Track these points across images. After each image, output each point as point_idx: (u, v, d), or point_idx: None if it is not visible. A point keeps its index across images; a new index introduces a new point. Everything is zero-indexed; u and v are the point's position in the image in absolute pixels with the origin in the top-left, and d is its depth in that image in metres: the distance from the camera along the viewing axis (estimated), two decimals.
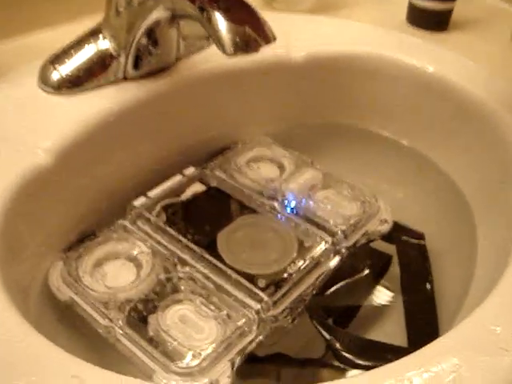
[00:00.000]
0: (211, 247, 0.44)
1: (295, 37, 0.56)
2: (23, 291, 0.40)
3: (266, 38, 0.39)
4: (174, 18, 0.45)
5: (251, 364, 0.39)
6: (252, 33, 0.38)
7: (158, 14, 0.44)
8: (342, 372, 0.39)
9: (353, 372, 0.40)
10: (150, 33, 0.46)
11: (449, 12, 0.64)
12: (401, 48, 0.56)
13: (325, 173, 0.52)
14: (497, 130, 0.49)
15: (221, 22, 0.38)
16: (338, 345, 0.40)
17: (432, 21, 0.63)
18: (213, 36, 0.38)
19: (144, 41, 0.47)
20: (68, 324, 0.42)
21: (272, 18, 0.40)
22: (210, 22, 0.38)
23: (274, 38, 0.39)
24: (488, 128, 0.50)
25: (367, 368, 0.39)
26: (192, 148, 0.53)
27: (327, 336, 0.40)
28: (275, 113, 0.57)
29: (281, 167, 0.53)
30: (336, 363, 0.40)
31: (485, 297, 0.35)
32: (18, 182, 0.40)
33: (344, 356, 0.39)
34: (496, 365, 0.30)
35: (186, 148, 0.53)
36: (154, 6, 0.43)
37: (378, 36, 0.58)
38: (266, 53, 0.41)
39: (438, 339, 0.32)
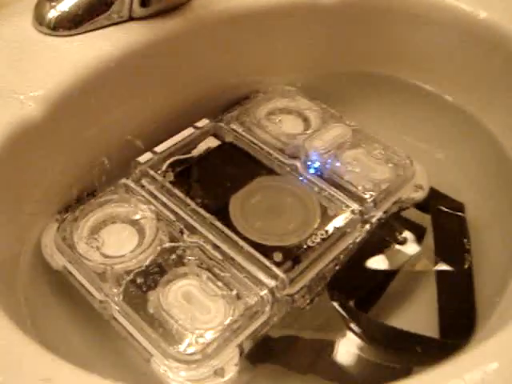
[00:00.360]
0: (223, 213, 0.39)
1: None
2: (12, 258, 0.36)
3: None
4: None
5: (261, 347, 0.35)
6: None
7: None
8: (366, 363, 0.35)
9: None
10: None
11: None
12: None
13: (355, 129, 0.47)
14: None
15: None
16: (360, 331, 0.35)
17: None
18: None
19: None
20: (62, 295, 0.38)
21: None
22: None
23: None
24: None
25: (392, 361, 0.35)
26: (206, 97, 0.48)
27: (349, 321, 0.36)
28: (301, 60, 0.52)
29: (305, 121, 0.48)
30: (356, 351, 0.35)
31: None
32: (5, 135, 0.35)
33: (366, 345, 0.35)
34: None
35: (200, 97, 0.48)
36: None
37: None
38: None
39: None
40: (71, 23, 0.42)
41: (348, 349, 0.36)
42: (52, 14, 0.42)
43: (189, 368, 0.32)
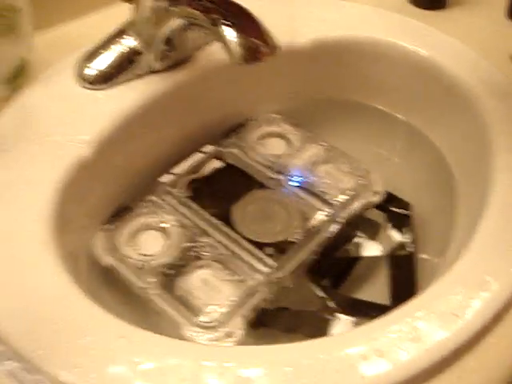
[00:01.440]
0: (227, 219, 0.53)
1: (300, 22, 0.62)
2: (74, 258, 0.49)
3: (271, 48, 0.45)
4: (191, 24, 0.51)
5: (260, 316, 0.48)
6: (258, 44, 0.45)
7: (178, 21, 0.51)
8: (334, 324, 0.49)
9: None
10: (172, 32, 0.53)
11: None
12: (399, 32, 0.62)
13: (327, 147, 0.59)
14: (478, 113, 0.55)
15: (230, 35, 0.45)
16: (330, 303, 0.49)
17: (430, 0, 0.69)
18: (224, 46, 0.45)
19: (166, 39, 0.53)
20: (111, 284, 0.51)
21: (279, 1, 0.46)
22: (221, 34, 0.45)
23: (278, 48, 0.46)
24: (472, 110, 0.56)
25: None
26: (210, 127, 0.61)
27: (322, 295, 0.49)
28: (284, 92, 0.64)
29: (288, 143, 0.61)
30: (329, 317, 0.49)
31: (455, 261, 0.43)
32: (66, 170, 0.48)
33: (335, 313, 0.48)
34: (450, 325, 0.38)
35: (205, 127, 0.60)
36: (175, 16, 0.50)
37: (379, 19, 0.64)
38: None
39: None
40: (105, 78, 0.54)
41: (322, 315, 0.49)
42: (88, 71, 0.54)
43: (207, 332, 0.45)
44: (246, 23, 0.46)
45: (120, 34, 0.55)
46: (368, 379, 0.36)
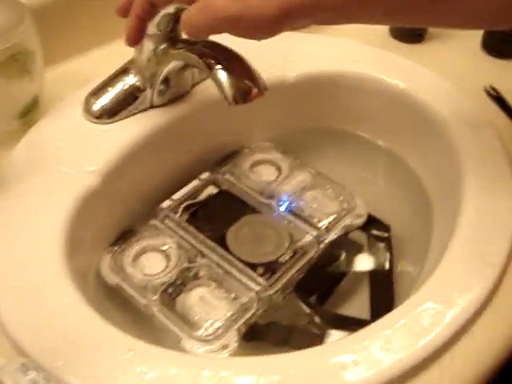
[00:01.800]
0: (222, 241, 0.58)
1: (291, 58, 0.68)
2: (84, 277, 0.54)
3: (260, 89, 0.51)
4: (189, 65, 0.57)
5: (252, 330, 0.53)
6: (248, 87, 0.50)
7: (175, 63, 0.57)
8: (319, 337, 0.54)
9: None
10: (171, 72, 0.59)
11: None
12: (379, 66, 0.68)
13: (313, 174, 0.65)
14: (450, 140, 0.61)
15: (223, 79, 0.50)
16: (316, 318, 0.54)
17: (410, 34, 0.75)
18: (218, 88, 0.51)
19: (166, 78, 0.59)
20: (117, 301, 0.56)
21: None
22: (215, 76, 0.51)
23: (266, 89, 0.51)
24: (444, 138, 0.62)
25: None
26: (206, 154, 0.66)
27: (308, 311, 0.55)
28: (274, 121, 0.70)
29: (278, 170, 0.66)
30: (315, 331, 0.54)
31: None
32: (75, 199, 0.53)
33: (320, 327, 0.54)
34: (419, 338, 0.44)
35: (202, 155, 0.66)
36: (172, 59, 0.55)
37: (362, 54, 0.70)
38: (266, 77, 0.52)
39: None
40: (110, 113, 0.60)
41: (309, 330, 0.55)
42: (96, 106, 0.60)
43: (205, 345, 0.50)
44: (238, 67, 0.51)
45: (124, 72, 0.61)
46: None
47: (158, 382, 0.41)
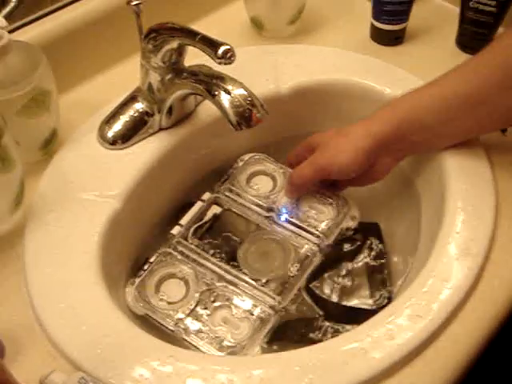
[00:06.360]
0: (234, 262, 0.66)
1: (280, 70, 0.77)
2: (117, 297, 0.62)
3: (261, 115, 0.60)
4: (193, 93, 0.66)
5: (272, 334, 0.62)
6: (251, 112, 0.59)
7: (182, 92, 0.66)
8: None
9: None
10: (176, 99, 0.68)
11: (402, 30, 0.83)
12: (365, 72, 0.77)
13: None
14: None
15: (227, 105, 0.59)
16: (327, 315, 0.65)
17: (389, 38, 0.83)
18: (222, 114, 0.60)
19: (172, 103, 0.68)
20: (148, 327, 0.62)
21: (263, 51, 0.63)
22: (219, 104, 0.60)
23: (267, 113, 0.60)
24: None
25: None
26: (208, 171, 0.77)
27: (318, 310, 0.65)
28: (267, 131, 0.76)
29: (273, 180, 0.74)
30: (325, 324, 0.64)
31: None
32: (102, 223, 0.62)
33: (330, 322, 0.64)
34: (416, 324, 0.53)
35: (204, 173, 0.76)
36: (178, 89, 0.64)
37: (347, 61, 0.79)
38: (260, 90, 0.60)
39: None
40: (123, 139, 0.69)
41: (318, 324, 0.64)
42: (110, 133, 0.69)
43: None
44: (240, 96, 0.60)
45: (132, 99, 0.70)
46: (357, 371, 0.51)
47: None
